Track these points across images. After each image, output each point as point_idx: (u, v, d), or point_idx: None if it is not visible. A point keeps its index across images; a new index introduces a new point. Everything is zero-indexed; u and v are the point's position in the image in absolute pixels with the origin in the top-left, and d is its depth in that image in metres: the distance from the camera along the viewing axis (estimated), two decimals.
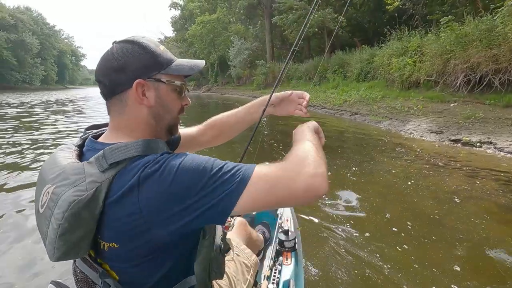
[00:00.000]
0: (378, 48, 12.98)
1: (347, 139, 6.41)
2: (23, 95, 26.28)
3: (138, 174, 0.56)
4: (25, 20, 57.48)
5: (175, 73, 0.69)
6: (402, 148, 5.34)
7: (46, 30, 70.23)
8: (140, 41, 0.66)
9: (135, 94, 0.65)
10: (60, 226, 0.55)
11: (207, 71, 38.85)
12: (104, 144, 0.64)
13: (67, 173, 0.59)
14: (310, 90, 15.79)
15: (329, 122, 9.40)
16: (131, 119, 0.67)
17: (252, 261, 1.15)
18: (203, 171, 0.56)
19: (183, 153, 0.60)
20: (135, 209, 0.55)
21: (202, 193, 0.55)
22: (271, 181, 0.56)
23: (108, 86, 0.65)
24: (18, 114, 12.42)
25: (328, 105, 12.08)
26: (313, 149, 0.67)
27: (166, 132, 0.73)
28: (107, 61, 0.65)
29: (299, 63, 20.82)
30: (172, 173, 0.55)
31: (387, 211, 2.84)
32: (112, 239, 0.59)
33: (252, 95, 22.88)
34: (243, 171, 0.57)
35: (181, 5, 46.01)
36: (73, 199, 0.54)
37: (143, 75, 0.65)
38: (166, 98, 0.69)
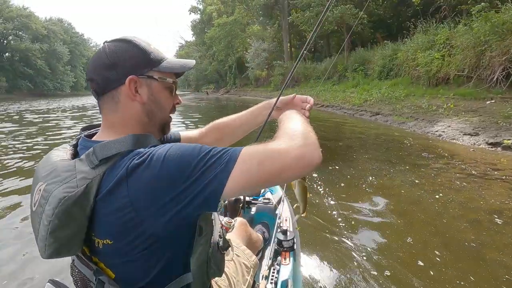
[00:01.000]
0: (401, 43, 12.10)
1: (365, 142, 5.81)
2: (55, 101, 27.64)
3: (126, 166, 0.55)
4: (56, 31, 61.01)
5: (167, 71, 0.69)
6: (429, 153, 4.68)
7: (75, 39, 74.11)
8: (131, 39, 0.67)
9: (128, 90, 0.65)
10: (51, 223, 0.55)
11: (226, 73, 39.00)
12: (96, 142, 0.62)
13: (58, 171, 0.59)
14: (329, 90, 15.12)
15: (348, 123, 8.76)
16: (123, 116, 0.66)
17: (252, 262, 1.14)
18: (191, 157, 0.55)
19: (171, 143, 0.59)
20: (125, 202, 0.54)
21: (191, 178, 0.54)
22: (261, 156, 0.54)
23: (100, 84, 0.65)
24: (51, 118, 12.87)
25: (347, 105, 11.40)
26: (301, 123, 0.67)
27: (158, 130, 0.72)
28: (99, 59, 0.65)
29: (317, 62, 20.12)
30: (159, 161, 0.54)
31: (408, 233, 2.31)
32: (105, 235, 0.58)
33: (269, 97, 22.38)
34: (231, 152, 0.56)
35: (200, 9, 46.64)
36: (63, 195, 0.54)
37: (135, 72, 0.65)
38: (159, 95, 0.69)
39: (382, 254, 2.07)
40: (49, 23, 63.52)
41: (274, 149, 0.55)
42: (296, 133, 0.61)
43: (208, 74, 45.03)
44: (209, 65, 43.36)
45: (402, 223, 2.51)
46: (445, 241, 2.21)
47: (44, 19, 63.61)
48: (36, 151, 5.66)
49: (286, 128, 0.66)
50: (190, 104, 22.84)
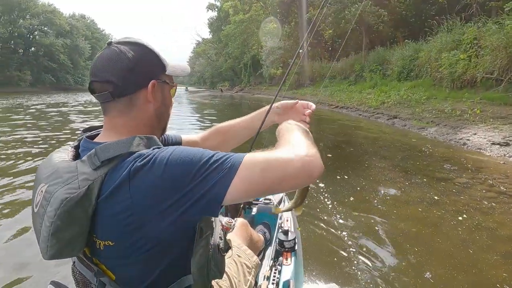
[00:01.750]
0: (423, 42, 11.41)
1: (380, 149, 5.37)
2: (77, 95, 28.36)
3: (128, 168, 0.55)
4: (79, 27, 62.85)
5: (174, 74, 0.73)
6: (452, 164, 4.21)
7: (96, 35, 76.02)
8: (145, 44, 0.68)
9: (148, 94, 0.66)
10: (53, 224, 0.55)
11: (241, 71, 38.81)
12: (98, 144, 0.62)
13: (60, 172, 0.59)
14: (345, 90, 14.57)
15: (362, 126, 8.28)
16: (135, 118, 0.67)
17: (253, 262, 1.13)
18: (193, 161, 0.55)
19: (174, 146, 0.59)
20: (127, 204, 0.54)
21: (193, 182, 0.54)
22: (264, 164, 0.54)
23: (119, 86, 0.64)
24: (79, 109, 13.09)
25: (362, 107, 10.87)
26: (301, 134, 0.67)
27: (161, 131, 0.74)
28: (119, 62, 0.64)
29: (334, 61, 19.51)
30: (162, 164, 0.54)
31: (426, 266, 1.94)
32: (107, 236, 0.58)
33: (283, 96, 21.96)
34: (233, 158, 0.55)
35: (217, 6, 46.62)
36: (65, 196, 0.54)
37: (154, 76, 0.67)
38: (168, 97, 0.73)
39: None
40: (72, 19, 65.50)
41: (277, 158, 0.55)
42: (298, 143, 0.61)
43: (223, 71, 45.01)
44: (224, 63, 43.31)
45: (418, 252, 2.13)
46: (472, 280, 1.82)
47: (67, 15, 65.63)
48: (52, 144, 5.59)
49: (288, 138, 0.66)
50: (204, 101, 22.79)
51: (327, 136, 6.90)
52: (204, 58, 55.25)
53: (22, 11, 50.34)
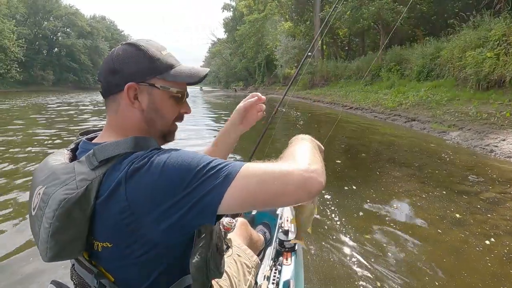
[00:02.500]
0: (446, 40, 10.72)
1: (395, 155, 4.94)
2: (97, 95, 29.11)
3: (125, 170, 0.55)
4: (99, 28, 64.73)
5: (172, 80, 0.67)
6: (477, 175, 3.75)
7: (116, 36, 78.06)
8: (139, 44, 0.66)
9: (125, 97, 0.64)
10: (51, 225, 0.54)
11: (255, 71, 38.61)
12: (97, 145, 0.62)
13: (58, 173, 0.58)
14: (360, 90, 14.01)
15: (377, 129, 7.80)
16: (123, 119, 0.66)
17: (253, 262, 1.12)
18: (190, 166, 0.54)
19: (172, 148, 0.59)
20: (124, 205, 0.54)
21: (190, 188, 0.53)
22: (261, 176, 0.52)
23: (104, 86, 0.66)
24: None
25: (378, 108, 10.34)
26: (309, 148, 0.65)
27: (159, 138, 0.70)
28: (106, 62, 0.66)
29: (350, 61, 18.89)
30: (159, 167, 0.54)
31: None
32: (105, 238, 0.58)
33: (297, 96, 21.61)
34: (231, 166, 0.54)
35: (233, 6, 46.62)
36: (63, 197, 0.54)
37: (136, 79, 0.64)
38: (160, 103, 0.67)
39: None
40: (93, 20, 67.55)
41: (275, 170, 0.53)
42: (302, 156, 0.58)
43: (237, 71, 44.97)
44: (238, 62, 43.25)
45: (438, 286, 1.78)
46: None
47: (89, 17, 67.74)
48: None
49: (293, 149, 0.63)
50: (216, 101, 22.73)
51: (338, 139, 6.50)
52: (219, 58, 55.47)
53: (46, 13, 52.39)
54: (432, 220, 2.60)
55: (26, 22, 47.95)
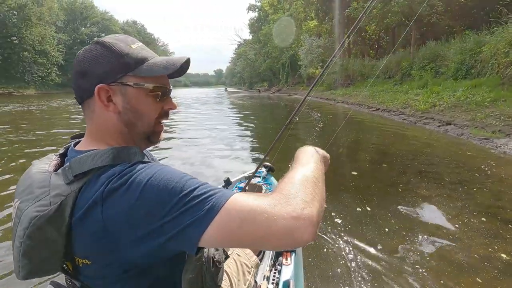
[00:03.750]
0: (489, 33, 9.51)
1: (423, 166, 4.20)
2: None
3: (102, 189, 0.51)
4: (130, 32, 67.76)
5: (147, 74, 0.61)
6: None
7: (146, 39, 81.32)
8: (104, 41, 0.60)
9: (97, 99, 0.59)
10: (22, 244, 0.52)
11: (279, 71, 38.09)
12: (78, 152, 0.60)
13: (33, 187, 0.56)
14: (388, 91, 12.98)
15: (405, 134, 6.96)
16: (100, 126, 0.62)
17: (253, 262, 1.10)
18: (173, 191, 0.49)
19: (156, 165, 0.53)
20: (100, 226, 0.50)
21: (168, 217, 0.48)
22: (246, 215, 0.47)
23: (75, 91, 0.62)
24: None
25: (408, 110, 9.38)
26: (312, 180, 0.56)
27: (143, 140, 0.65)
28: (74, 65, 0.61)
29: (378, 59, 17.74)
30: (138, 189, 0.49)
31: None
32: (84, 255, 0.55)
33: (320, 97, 20.77)
34: (216, 197, 0.49)
35: (258, 6, 46.42)
36: (35, 214, 0.51)
37: (106, 79, 0.59)
38: (137, 103, 0.61)
39: None
40: (125, 25, 70.94)
41: (263, 210, 0.46)
42: (298, 193, 0.50)
43: (261, 71, 44.70)
44: (263, 63, 42.96)
45: None
46: None
47: (122, 22, 71.14)
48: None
49: (292, 179, 0.55)
50: (239, 102, 22.52)
51: (358, 145, 5.82)
52: (243, 58, 55.64)
53: (83, 20, 55.77)
54: (470, 263, 1.96)
55: (66, 28, 51.20)
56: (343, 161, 4.59)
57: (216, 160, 4.81)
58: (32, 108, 14.97)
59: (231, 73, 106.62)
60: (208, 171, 4.14)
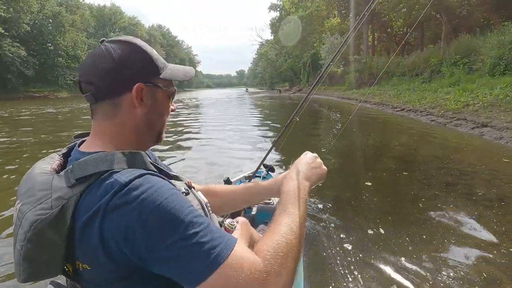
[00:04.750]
0: None
1: (450, 178, 3.62)
2: None
3: (106, 200, 0.50)
4: (156, 36, 70.07)
5: (170, 78, 0.66)
6: None
7: (170, 42, 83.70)
8: (138, 43, 0.63)
9: (133, 98, 0.60)
10: (23, 248, 0.52)
11: (300, 71, 37.39)
12: (82, 153, 0.60)
13: (35, 189, 0.55)
14: (415, 89, 12.09)
15: (433, 137, 6.28)
16: (121, 124, 0.62)
17: None
18: (178, 227, 0.49)
19: (164, 189, 0.52)
20: (98, 238, 0.51)
21: (168, 253, 0.49)
22: (239, 277, 0.49)
23: (101, 88, 0.60)
24: None
25: (437, 111, 8.58)
26: (299, 237, 0.60)
27: (154, 138, 0.68)
28: (101, 62, 0.59)
29: (404, 55, 16.70)
30: (145, 213, 0.49)
31: None
32: (83, 260, 0.55)
33: (342, 96, 19.97)
34: (218, 250, 0.49)
35: (279, 5, 45.93)
36: (36, 218, 0.51)
37: (142, 79, 0.61)
38: (161, 103, 0.66)
39: None
40: (151, 29, 73.35)
41: (252, 279, 0.49)
42: (286, 265, 0.54)
43: (282, 71, 44.18)
44: (284, 63, 42.43)
45: None
46: None
47: (147, 27, 73.66)
48: None
49: (281, 241, 0.57)
50: (257, 102, 22.26)
51: (377, 149, 5.29)
52: (264, 59, 55.42)
53: (112, 25, 58.38)
54: None
55: (96, 34, 53.81)
56: (357, 168, 4.12)
57: (234, 158, 4.74)
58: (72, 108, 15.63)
59: (252, 73, 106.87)
60: (223, 169, 3.98)
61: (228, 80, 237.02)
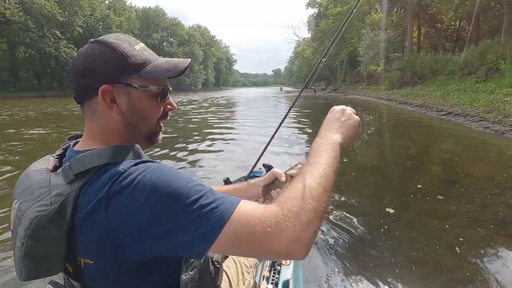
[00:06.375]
0: None
1: (505, 209, 2.76)
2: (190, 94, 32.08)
3: (106, 189, 0.50)
4: (195, 35, 72.19)
5: (150, 77, 0.61)
6: None
7: (209, 41, 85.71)
8: (108, 41, 0.59)
9: (100, 100, 0.59)
10: (24, 245, 0.52)
11: (337, 69, 35.74)
12: (77, 152, 0.60)
13: (33, 187, 0.56)
14: (466, 90, 10.56)
15: (486, 150, 5.18)
16: (102, 127, 0.61)
17: (252, 262, 1.11)
18: (180, 196, 0.49)
19: (160, 167, 0.53)
20: (105, 228, 0.50)
21: (175, 224, 0.48)
22: (252, 229, 0.48)
23: (77, 91, 0.61)
24: None
25: (492, 116, 7.26)
26: (317, 190, 0.54)
27: (144, 140, 0.66)
28: (76, 64, 0.60)
29: (454, 52, 14.84)
30: (145, 192, 0.49)
31: None
32: (86, 255, 0.55)
33: (380, 97, 18.45)
34: (223, 207, 0.49)
35: (318, 2, 44.42)
36: (36, 215, 0.52)
37: (111, 80, 0.59)
38: (141, 104, 0.62)
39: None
40: (191, 29, 75.80)
41: (267, 225, 0.48)
42: (303, 212, 0.50)
43: (318, 70, 42.70)
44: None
45: None
46: None
47: (188, 27, 76.24)
48: None
49: (298, 190, 0.53)
50: (287, 102, 21.54)
51: (410, 163, 4.41)
52: (300, 57, 54.25)
53: (155, 26, 61.33)
54: None
55: (140, 34, 56.94)
56: (379, 187, 3.37)
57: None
58: None
59: (289, 72, 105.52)
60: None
61: (264, 79, 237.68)
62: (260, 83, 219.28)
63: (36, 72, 35.91)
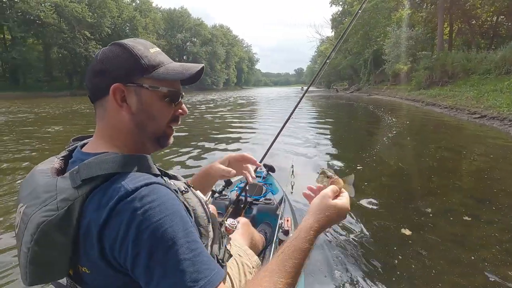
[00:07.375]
0: None
1: None
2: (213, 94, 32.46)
3: (110, 207, 0.51)
4: (218, 35, 72.92)
5: (161, 78, 0.63)
6: None
7: (231, 40, 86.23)
8: (125, 43, 0.62)
9: (111, 99, 0.61)
10: (30, 250, 0.52)
11: (361, 68, 34.50)
12: (86, 154, 0.61)
13: (38, 191, 0.56)
14: (503, 90, 9.67)
15: None
16: (111, 126, 0.63)
17: (254, 262, 1.13)
18: (168, 247, 0.50)
19: (168, 205, 0.53)
20: (98, 244, 0.52)
21: (159, 266, 0.50)
22: None
23: (90, 90, 0.63)
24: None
25: None
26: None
27: (153, 142, 0.67)
28: (92, 64, 0.62)
29: (489, 49, 13.68)
30: (142, 226, 0.50)
31: None
32: (84, 263, 0.56)
33: (406, 97, 17.47)
34: (211, 276, 0.51)
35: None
36: (42, 220, 0.51)
37: (123, 80, 0.60)
38: (151, 105, 0.63)
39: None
40: (213, 29, 76.59)
41: None
42: None
43: (341, 69, 41.53)
44: (343, 60, 39.79)
45: None
46: None
47: (210, 26, 77.09)
48: None
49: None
50: (307, 101, 21.01)
51: (434, 174, 3.94)
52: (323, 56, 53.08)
53: (179, 27, 62.61)
54: None
55: (165, 35, 58.38)
56: (396, 201, 2.97)
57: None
58: None
59: (311, 72, 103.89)
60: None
61: (286, 79, 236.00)
62: (282, 82, 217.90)
63: (68, 71, 37.91)
